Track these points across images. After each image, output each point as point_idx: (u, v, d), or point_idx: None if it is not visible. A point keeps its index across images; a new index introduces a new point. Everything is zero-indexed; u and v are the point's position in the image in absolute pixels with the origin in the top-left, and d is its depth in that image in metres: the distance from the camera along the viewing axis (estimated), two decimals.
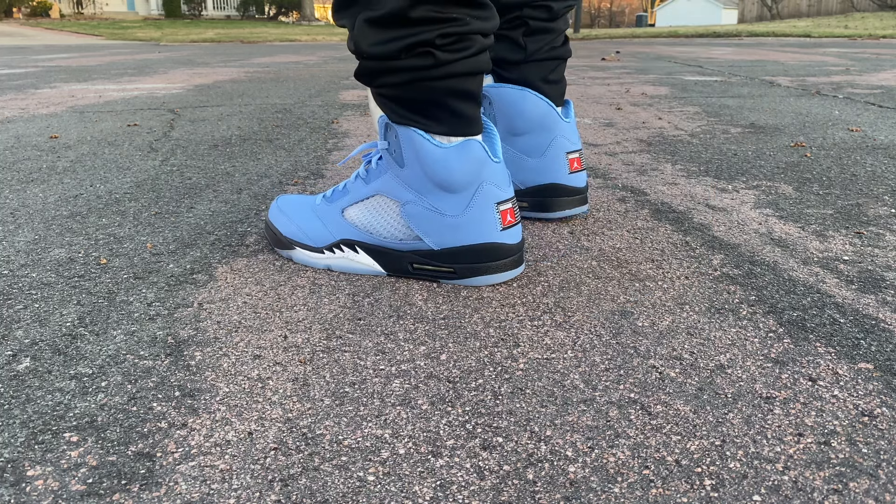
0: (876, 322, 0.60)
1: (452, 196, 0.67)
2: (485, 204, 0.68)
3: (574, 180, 0.89)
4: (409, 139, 0.66)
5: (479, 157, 0.66)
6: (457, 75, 0.65)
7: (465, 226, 0.68)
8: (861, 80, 2.84)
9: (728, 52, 5.33)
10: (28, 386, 0.51)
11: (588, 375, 0.52)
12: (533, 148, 0.87)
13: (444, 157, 0.65)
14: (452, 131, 0.67)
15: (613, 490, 0.40)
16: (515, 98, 0.86)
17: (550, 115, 0.86)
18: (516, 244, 0.70)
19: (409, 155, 0.67)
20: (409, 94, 0.65)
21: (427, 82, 0.64)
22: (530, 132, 0.87)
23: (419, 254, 0.70)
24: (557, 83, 0.88)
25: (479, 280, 0.69)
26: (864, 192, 1.05)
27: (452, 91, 0.65)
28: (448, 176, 0.66)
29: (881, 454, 0.43)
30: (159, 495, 0.40)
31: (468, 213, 0.67)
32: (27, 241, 0.84)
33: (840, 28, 10.62)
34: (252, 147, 1.46)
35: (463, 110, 0.66)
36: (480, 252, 0.68)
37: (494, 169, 0.68)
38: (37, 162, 1.31)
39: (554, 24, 0.85)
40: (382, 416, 0.47)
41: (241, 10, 21.80)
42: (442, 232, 0.68)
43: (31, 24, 15.48)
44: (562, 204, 0.89)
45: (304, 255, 0.75)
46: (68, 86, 2.94)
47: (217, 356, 0.55)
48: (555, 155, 0.87)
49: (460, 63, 0.64)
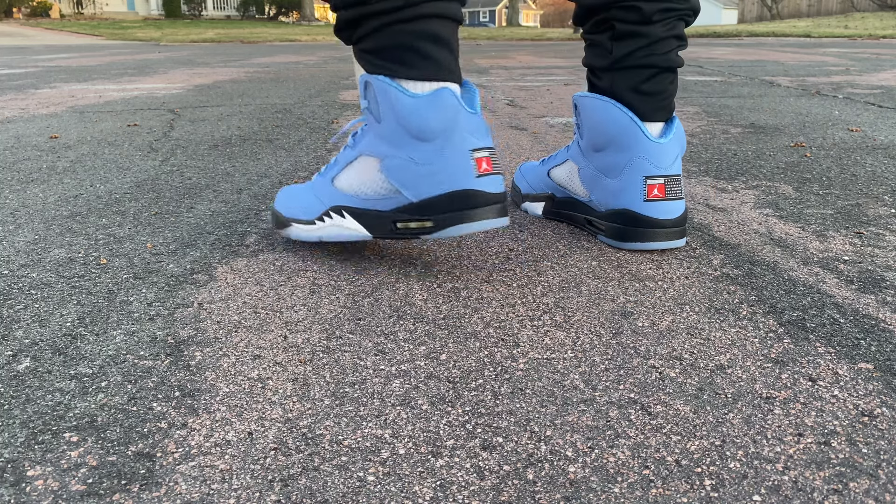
0: (876, 322, 0.60)
1: (426, 144, 0.68)
2: (459, 150, 0.68)
3: (652, 210, 0.76)
4: (384, 92, 0.68)
5: (451, 104, 0.67)
6: (425, 16, 0.66)
7: (440, 172, 0.68)
8: (861, 80, 2.84)
9: (728, 52, 5.33)
10: (28, 386, 0.51)
11: (588, 375, 0.52)
12: (610, 167, 0.79)
13: (416, 106, 0.67)
14: (425, 75, 0.68)
15: (613, 490, 0.40)
16: (596, 108, 0.78)
17: (629, 129, 0.76)
18: (495, 193, 0.70)
19: (385, 108, 0.69)
20: (381, 40, 0.68)
21: (398, 25, 0.67)
22: (607, 148, 0.79)
23: (401, 210, 0.71)
24: (652, 96, 0.77)
25: (459, 229, 0.69)
26: (864, 192, 1.05)
27: (424, 34, 0.67)
28: (421, 123, 0.67)
29: (881, 454, 0.43)
30: (159, 495, 0.40)
31: (442, 160, 0.68)
32: (27, 241, 0.84)
33: (840, 28, 10.62)
34: (252, 147, 1.46)
35: (434, 54, 0.68)
36: (456, 198, 0.68)
37: (468, 118, 0.69)
38: (37, 162, 1.31)
39: (646, 28, 0.76)
40: (382, 416, 0.47)
41: (241, 10, 21.79)
42: (418, 182, 0.69)
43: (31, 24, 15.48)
44: (636, 235, 0.77)
45: (298, 229, 0.77)
46: (68, 86, 2.94)
47: (217, 356, 0.55)
48: (629, 178, 0.77)
49: (427, 5, 0.66)
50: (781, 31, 10.10)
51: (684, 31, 0.78)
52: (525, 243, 0.83)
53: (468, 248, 0.81)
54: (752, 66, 3.80)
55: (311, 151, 1.41)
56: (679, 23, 0.77)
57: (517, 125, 1.77)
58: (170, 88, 2.78)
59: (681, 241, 0.78)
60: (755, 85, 2.72)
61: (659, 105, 0.78)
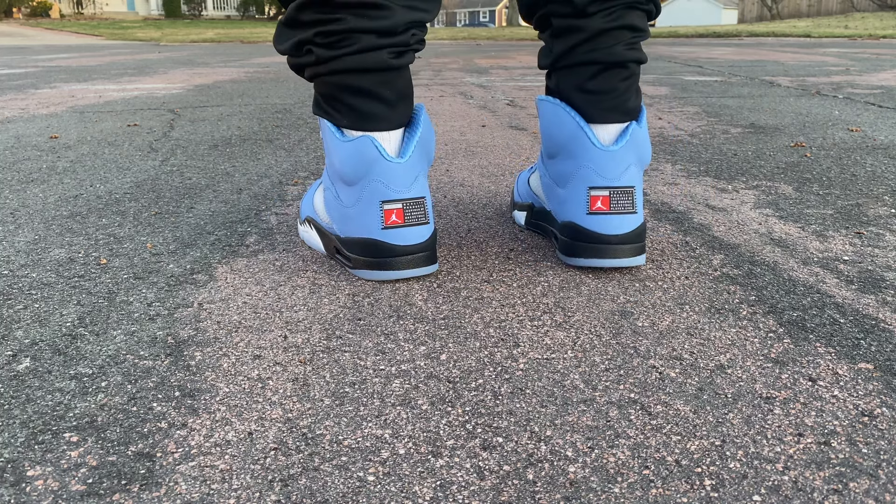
0: (876, 322, 0.60)
1: (350, 188, 0.70)
2: (370, 200, 0.69)
3: (594, 223, 0.70)
4: (324, 131, 0.72)
5: (368, 154, 0.68)
6: (342, 71, 0.67)
7: (354, 218, 0.71)
8: (861, 80, 2.84)
9: (728, 52, 5.33)
10: (28, 386, 0.51)
11: (588, 375, 0.52)
12: (560, 175, 0.74)
13: (338, 149, 0.69)
14: (353, 125, 0.69)
15: (613, 490, 0.40)
16: (546, 111, 0.74)
17: (578, 138, 0.70)
18: (406, 245, 0.69)
19: (327, 146, 0.72)
20: (317, 88, 0.71)
21: (321, 77, 0.69)
22: (558, 156, 0.74)
23: (337, 238, 0.74)
24: (600, 95, 0.70)
25: (370, 274, 0.71)
26: (864, 192, 1.05)
27: (343, 86, 0.68)
28: (341, 167, 0.69)
29: (881, 454, 0.43)
30: (159, 495, 0.40)
31: (356, 207, 0.70)
32: (27, 241, 0.84)
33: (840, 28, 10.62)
34: (252, 147, 1.46)
35: (358, 105, 0.68)
36: (366, 246, 0.70)
37: (386, 167, 0.67)
38: (37, 162, 1.31)
39: (583, 21, 0.69)
40: (382, 416, 0.47)
41: (241, 10, 21.79)
42: (342, 221, 0.72)
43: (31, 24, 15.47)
44: (579, 250, 0.71)
45: (298, 224, 0.86)
46: (68, 86, 2.94)
47: (217, 356, 0.55)
48: (575, 188, 0.71)
49: (341, 60, 0.66)
50: (781, 31, 10.10)
51: (641, 20, 0.70)
52: (525, 243, 0.83)
53: (468, 248, 0.81)
54: (752, 66, 3.80)
55: (311, 151, 1.41)
56: (629, 12, 0.69)
57: (517, 125, 1.77)
58: (170, 88, 2.78)
59: (636, 260, 0.71)
60: (755, 85, 2.72)
61: (609, 105, 0.70)
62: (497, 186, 1.12)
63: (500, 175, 1.20)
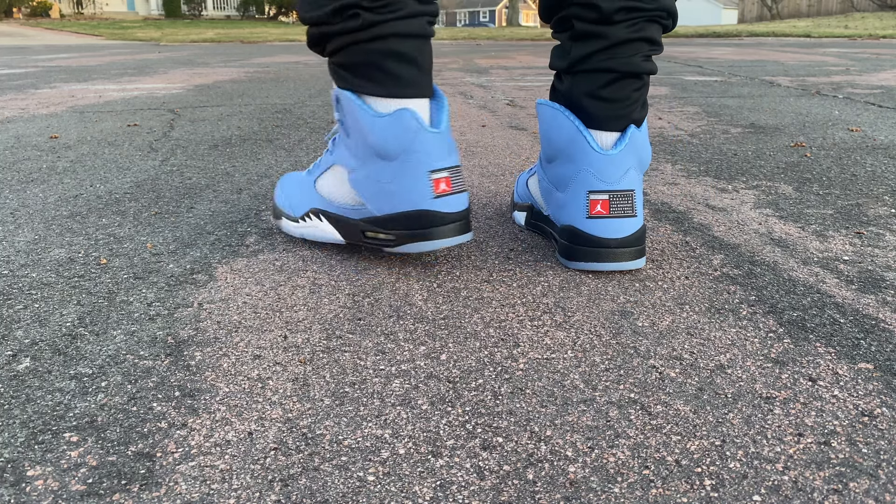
0: (876, 322, 0.60)
1: (387, 163, 0.70)
2: (417, 171, 0.69)
3: (596, 228, 0.71)
4: (351, 108, 0.70)
5: (410, 126, 0.68)
6: (387, 36, 0.67)
7: (399, 192, 0.70)
8: (861, 80, 2.84)
9: (728, 52, 5.33)
10: (28, 386, 0.51)
11: (588, 375, 0.52)
12: (559, 179, 0.74)
13: (378, 125, 0.68)
14: (388, 92, 0.68)
15: (613, 490, 0.40)
16: (546, 116, 0.74)
17: (577, 140, 0.71)
18: (454, 213, 0.71)
19: (352, 124, 0.70)
20: (348, 57, 0.69)
21: (361, 44, 0.67)
22: (556, 160, 0.75)
23: (368, 221, 0.73)
24: (611, 102, 0.71)
25: (416, 246, 0.71)
26: (864, 192, 1.05)
27: (387, 52, 0.68)
28: (382, 143, 0.69)
29: (881, 454, 0.43)
30: (159, 495, 0.40)
31: (400, 180, 0.69)
32: (27, 241, 0.84)
33: (840, 28, 10.62)
34: (252, 147, 1.46)
35: (398, 71, 0.68)
36: (414, 218, 0.70)
37: (428, 138, 0.69)
38: (37, 162, 1.31)
39: (606, 28, 0.69)
40: (382, 416, 0.47)
41: (241, 10, 21.79)
42: (380, 198, 0.71)
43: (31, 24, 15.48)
44: (579, 254, 0.72)
45: (287, 224, 0.81)
46: (68, 86, 2.94)
47: (217, 356, 0.55)
48: (575, 193, 0.72)
49: (390, 24, 0.66)
50: (781, 31, 10.10)
51: (658, 34, 0.71)
52: (525, 243, 0.83)
53: (468, 248, 0.81)
54: (752, 66, 3.80)
55: (310, 151, 1.41)
56: (649, 25, 0.70)
57: (517, 125, 1.77)
58: (170, 88, 2.78)
59: (635, 263, 0.71)
60: (755, 85, 2.72)
61: (619, 114, 0.71)
62: (497, 186, 1.12)
63: (499, 175, 1.20)
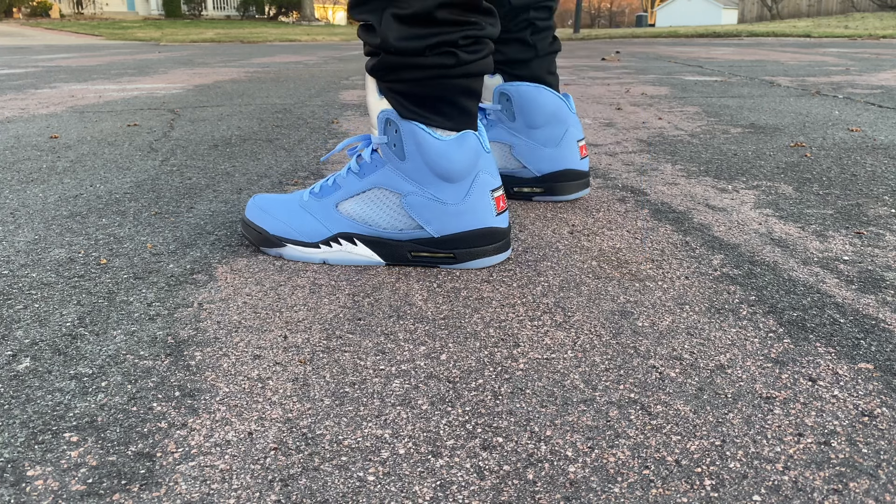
0: (876, 322, 0.60)
1: (452, 186, 0.72)
2: (482, 191, 0.73)
3: (583, 165, 0.99)
4: (412, 133, 0.71)
5: (475, 147, 0.72)
6: (471, 75, 0.71)
7: (465, 213, 0.73)
8: (861, 80, 2.84)
9: (728, 52, 5.33)
10: (28, 386, 0.51)
11: (588, 375, 0.52)
12: (549, 138, 0.97)
13: (445, 149, 0.70)
14: (457, 126, 0.72)
15: (613, 490, 0.40)
16: (533, 94, 0.95)
17: (562, 107, 0.96)
18: (506, 228, 0.76)
19: (411, 148, 0.71)
20: (423, 90, 0.70)
21: (445, 80, 0.70)
22: (547, 124, 0.96)
23: (419, 242, 0.74)
24: (555, 75, 0.99)
25: (477, 263, 0.74)
26: (864, 192, 1.05)
27: (464, 89, 0.71)
28: (449, 166, 0.71)
29: (881, 454, 0.43)
30: (159, 495, 0.40)
31: (467, 201, 0.73)
32: (27, 241, 0.84)
33: (840, 28, 10.62)
34: (252, 147, 1.46)
35: (469, 107, 0.73)
36: (478, 237, 0.73)
37: (488, 159, 0.74)
38: (37, 162, 1.31)
39: (551, 22, 0.97)
40: (382, 416, 0.47)
41: (241, 10, 21.79)
42: (443, 220, 0.73)
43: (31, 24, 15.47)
44: (572, 188, 0.99)
45: (296, 251, 0.77)
46: (68, 86, 2.94)
47: (217, 356, 0.55)
48: (568, 143, 0.97)
49: (475, 64, 0.70)
50: (781, 31, 10.10)
51: None
52: (525, 243, 0.83)
53: None
54: (752, 66, 3.80)
55: (310, 151, 1.41)
56: None
57: None
58: (170, 88, 2.78)
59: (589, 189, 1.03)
60: (755, 85, 2.72)
61: (558, 81, 0.99)
62: None
63: None
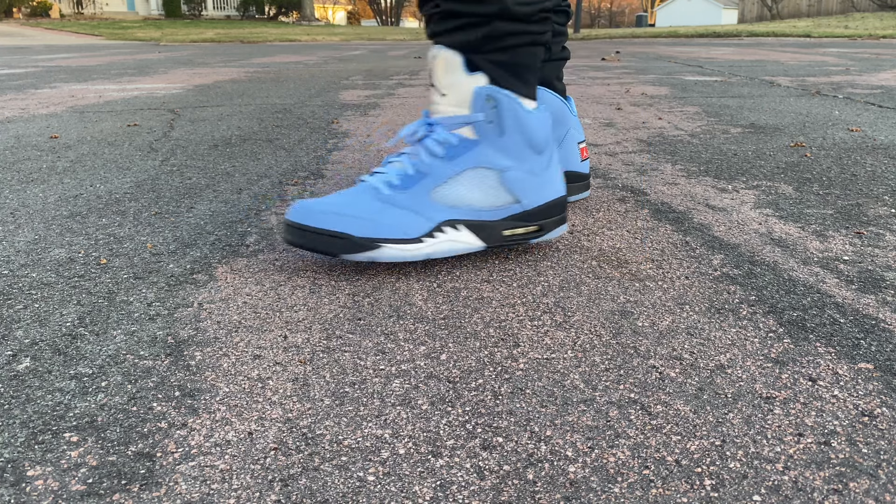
0: (876, 322, 0.60)
1: (540, 156, 0.75)
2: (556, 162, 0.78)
3: (583, 167, 0.99)
4: (512, 108, 0.72)
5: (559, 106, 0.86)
6: (545, 43, 0.75)
7: (549, 181, 0.76)
8: (861, 80, 2.84)
9: (728, 52, 5.33)
10: (28, 386, 0.51)
11: (588, 375, 0.52)
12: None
13: (536, 119, 0.74)
14: (532, 93, 0.75)
15: (613, 490, 0.40)
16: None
17: (564, 109, 0.96)
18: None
19: (510, 123, 0.72)
20: (518, 58, 0.72)
21: (536, 46, 0.73)
22: None
23: (513, 218, 0.75)
24: (562, 81, 1.00)
25: (560, 230, 0.79)
26: (864, 192, 1.05)
27: (538, 56, 0.75)
28: (543, 135, 0.74)
29: (881, 454, 0.43)
30: (159, 495, 0.40)
31: (550, 170, 0.76)
32: (27, 241, 0.84)
33: (840, 28, 10.62)
34: (252, 147, 1.46)
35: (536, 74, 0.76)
36: (557, 205, 0.78)
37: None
38: (37, 162, 1.31)
39: (565, 28, 0.97)
40: (382, 416, 0.47)
41: (241, 10, 21.78)
42: (536, 190, 0.75)
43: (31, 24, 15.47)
44: (572, 190, 0.99)
45: (395, 250, 0.70)
46: (68, 86, 2.94)
47: (217, 356, 0.55)
48: (569, 145, 0.97)
49: (549, 33, 0.75)
50: (781, 31, 10.10)
51: None
52: (525, 243, 0.83)
53: None
54: (752, 66, 3.80)
55: (311, 151, 1.41)
56: None
57: None
58: (170, 88, 2.78)
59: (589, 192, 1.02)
60: (755, 85, 2.72)
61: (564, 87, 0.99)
62: None
63: None
